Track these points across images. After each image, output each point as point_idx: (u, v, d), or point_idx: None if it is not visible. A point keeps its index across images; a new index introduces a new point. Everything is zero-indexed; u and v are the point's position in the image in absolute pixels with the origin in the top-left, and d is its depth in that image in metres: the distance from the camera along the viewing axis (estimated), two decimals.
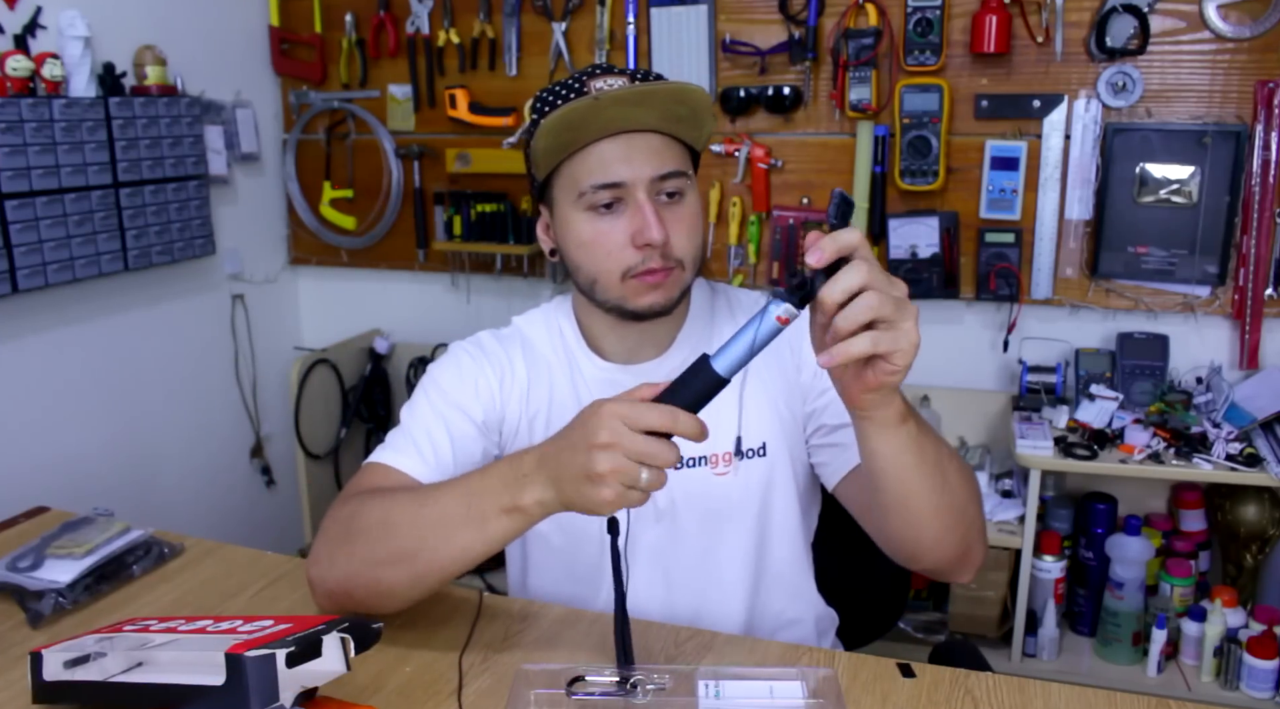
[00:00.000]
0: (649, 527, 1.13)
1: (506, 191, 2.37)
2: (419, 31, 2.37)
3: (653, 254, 1.01)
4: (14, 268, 1.85)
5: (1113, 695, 0.96)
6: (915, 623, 2.13)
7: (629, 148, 1.01)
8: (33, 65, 1.85)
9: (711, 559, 1.14)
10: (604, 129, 1.01)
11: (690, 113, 1.03)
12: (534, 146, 1.04)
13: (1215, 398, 1.95)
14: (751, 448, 1.12)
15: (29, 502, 1.49)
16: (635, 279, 1.03)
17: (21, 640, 1.09)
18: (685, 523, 1.13)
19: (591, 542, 1.14)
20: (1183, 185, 1.94)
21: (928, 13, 1.97)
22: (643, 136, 1.02)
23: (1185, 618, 1.94)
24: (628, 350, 1.13)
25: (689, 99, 1.02)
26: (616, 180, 1.01)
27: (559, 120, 0.99)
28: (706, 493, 1.11)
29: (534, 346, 1.16)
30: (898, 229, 2.08)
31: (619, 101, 0.99)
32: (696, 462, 1.10)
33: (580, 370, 1.14)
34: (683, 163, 1.05)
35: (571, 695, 0.91)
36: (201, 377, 2.40)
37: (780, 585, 1.19)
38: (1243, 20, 1.86)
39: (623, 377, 1.12)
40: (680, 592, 1.15)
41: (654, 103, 1.01)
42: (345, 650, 0.82)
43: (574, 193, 1.03)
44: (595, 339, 1.14)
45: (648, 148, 1.02)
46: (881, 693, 0.97)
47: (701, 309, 1.16)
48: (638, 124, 1.02)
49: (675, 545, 1.14)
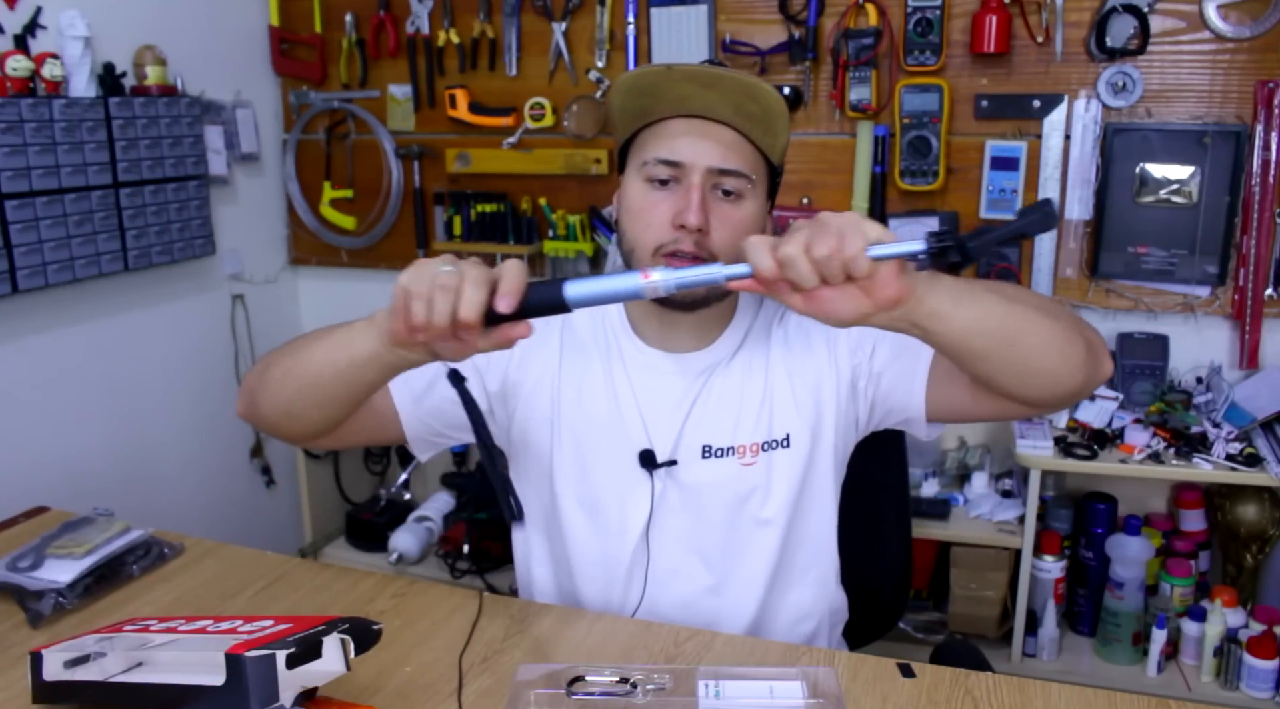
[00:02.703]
0: (676, 513, 1.15)
1: (506, 192, 2.37)
2: (419, 31, 2.37)
3: (687, 238, 1.04)
4: (14, 268, 1.85)
5: (1113, 695, 0.96)
6: (915, 623, 2.13)
7: (699, 132, 1.05)
8: (33, 65, 1.85)
9: (736, 547, 1.16)
10: (678, 106, 1.05)
11: (763, 113, 1.05)
12: (611, 106, 1.10)
13: (1215, 398, 1.95)
14: (776, 440, 1.14)
15: (29, 502, 1.49)
16: (665, 257, 1.05)
17: (21, 640, 1.09)
18: (711, 511, 1.15)
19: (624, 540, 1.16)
20: (1183, 185, 1.94)
21: (928, 13, 1.97)
22: (716, 126, 1.05)
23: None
24: (672, 339, 1.15)
25: (761, 96, 1.04)
26: (677, 158, 1.04)
27: (632, 81, 1.05)
28: (734, 483, 1.14)
29: (575, 329, 1.19)
30: (897, 229, 2.07)
31: (690, 77, 1.03)
32: (724, 452, 1.13)
33: (621, 352, 1.17)
34: (750, 166, 1.07)
35: (571, 695, 0.91)
36: (201, 377, 2.40)
37: (803, 574, 1.20)
38: (1243, 20, 1.86)
39: (663, 362, 1.15)
40: (704, 577, 1.17)
41: (726, 89, 1.03)
42: (345, 651, 0.82)
43: (640, 161, 1.07)
44: (640, 324, 1.17)
45: (717, 138, 1.05)
46: (881, 693, 0.97)
47: (748, 310, 1.18)
48: (710, 110, 1.04)
49: (701, 534, 1.15)
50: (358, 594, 1.20)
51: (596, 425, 1.15)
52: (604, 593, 1.18)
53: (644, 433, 1.13)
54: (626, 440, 1.14)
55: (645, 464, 1.13)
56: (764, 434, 1.14)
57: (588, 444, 1.15)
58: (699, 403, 1.14)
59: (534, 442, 1.19)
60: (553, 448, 1.17)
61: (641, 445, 1.13)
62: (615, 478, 1.14)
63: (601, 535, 1.17)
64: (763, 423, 1.14)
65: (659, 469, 1.13)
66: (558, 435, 1.16)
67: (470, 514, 2.34)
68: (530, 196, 2.36)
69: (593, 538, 1.17)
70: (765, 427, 1.14)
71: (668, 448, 1.13)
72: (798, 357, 1.15)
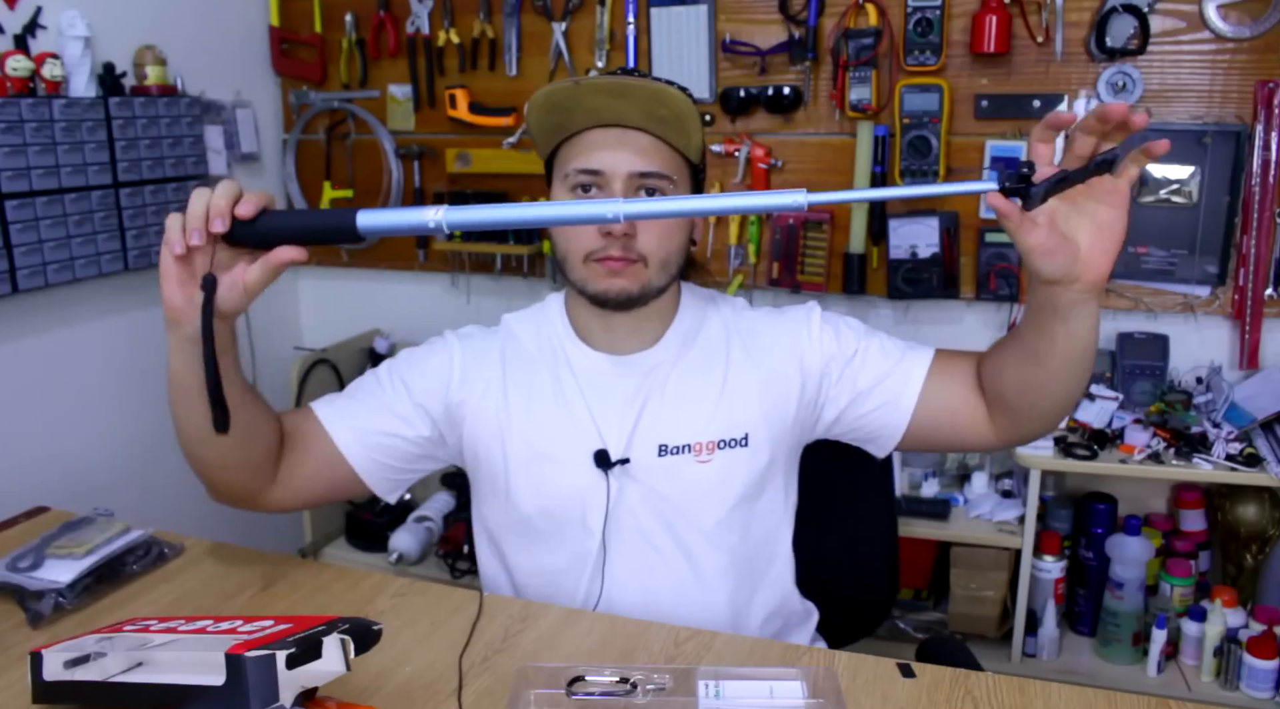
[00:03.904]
0: (633, 512, 1.16)
1: (506, 192, 2.37)
2: (419, 31, 2.37)
3: (614, 243, 1.07)
4: (14, 268, 1.85)
5: (1113, 695, 0.96)
6: (916, 623, 2.13)
7: (615, 140, 1.08)
8: (33, 65, 1.85)
9: (694, 545, 1.17)
10: (591, 118, 1.08)
11: (673, 116, 1.07)
12: (529, 124, 1.12)
13: (1215, 398, 1.95)
14: (735, 439, 1.15)
15: (29, 502, 1.49)
16: (596, 262, 1.08)
17: (21, 640, 1.09)
18: (667, 509, 1.16)
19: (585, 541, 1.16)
20: (1183, 185, 1.94)
21: (928, 13, 1.97)
22: (631, 133, 1.08)
23: (1185, 618, 1.94)
24: (615, 341, 1.17)
25: (669, 101, 1.06)
26: (596, 167, 1.08)
27: (544, 98, 1.07)
28: (690, 479, 1.15)
29: (519, 341, 1.21)
30: (898, 229, 2.08)
31: (599, 90, 1.05)
32: (680, 449, 1.14)
33: (568, 358, 1.18)
34: (669, 167, 1.10)
35: (571, 695, 0.91)
36: None
37: (763, 573, 1.21)
38: (1243, 20, 1.86)
39: (609, 364, 1.17)
40: (664, 574, 1.17)
41: (634, 98, 1.06)
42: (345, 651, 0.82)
43: (563, 173, 1.11)
44: (584, 330, 1.19)
45: (633, 145, 1.08)
46: (881, 693, 0.97)
47: (692, 310, 1.21)
48: (622, 118, 1.07)
49: (659, 532, 1.16)
50: (358, 594, 1.20)
51: (549, 431, 1.16)
52: (568, 596, 1.18)
53: (596, 434, 1.14)
54: (580, 442, 1.14)
55: (600, 464, 1.13)
56: (720, 433, 1.15)
57: (541, 450, 1.16)
58: (651, 402, 1.15)
59: (485, 456, 1.19)
60: (506, 459, 1.17)
61: (595, 446, 1.14)
62: (571, 480, 1.15)
63: (563, 540, 1.17)
64: (719, 421, 1.15)
65: (614, 468, 1.13)
66: (510, 446, 1.17)
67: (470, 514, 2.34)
68: (530, 196, 2.36)
69: (554, 542, 1.17)
70: (722, 425, 1.15)
71: (621, 447, 1.14)
72: (758, 355, 1.18)
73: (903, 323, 2.20)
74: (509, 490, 1.17)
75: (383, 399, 1.18)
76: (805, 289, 2.18)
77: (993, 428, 1.11)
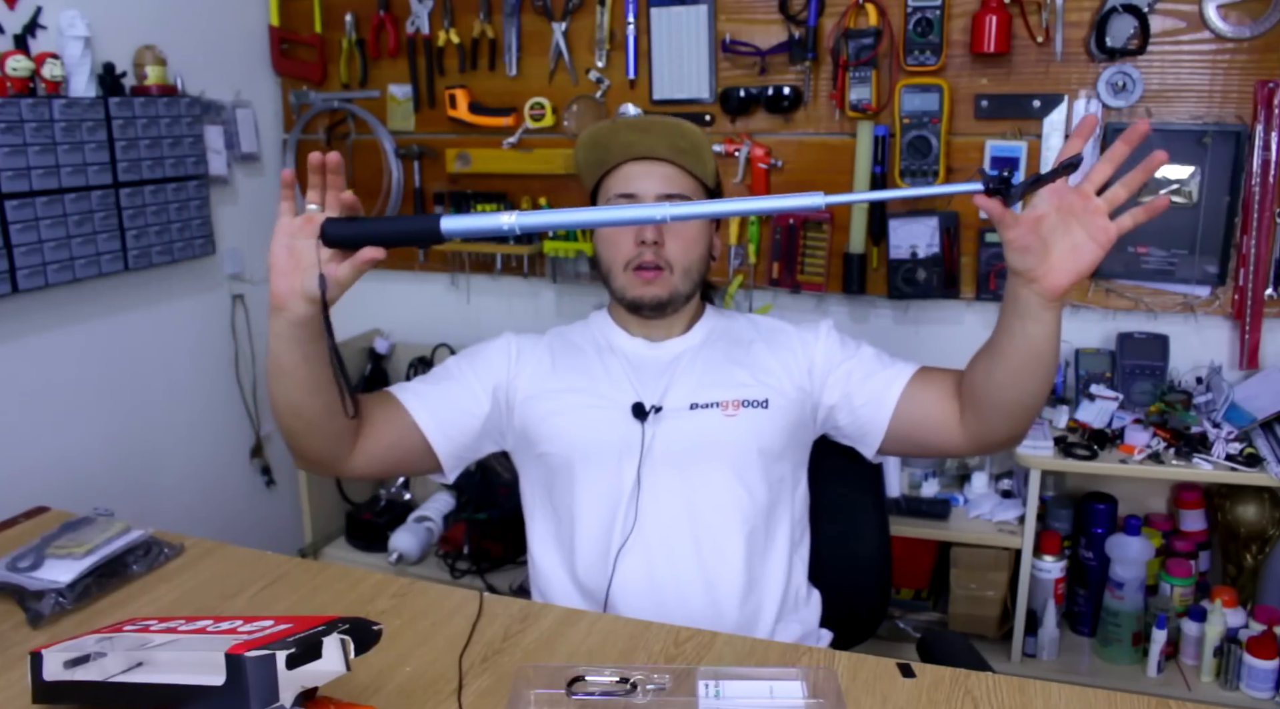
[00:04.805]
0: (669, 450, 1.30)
1: (506, 192, 2.37)
2: (419, 31, 2.37)
3: (646, 251, 1.31)
4: (14, 268, 1.85)
5: (1113, 695, 0.96)
6: (916, 623, 2.13)
7: (649, 170, 1.34)
8: (33, 65, 1.85)
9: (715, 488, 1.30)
10: (625, 151, 1.34)
11: (691, 146, 1.35)
12: (576, 161, 1.40)
13: (1215, 398, 1.95)
14: (756, 400, 1.33)
15: (29, 502, 1.49)
16: (633, 271, 1.33)
17: (21, 640, 1.09)
18: (698, 451, 1.31)
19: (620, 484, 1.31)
20: (1183, 185, 1.94)
21: (928, 13, 1.97)
22: (659, 165, 1.35)
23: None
24: (651, 331, 1.40)
25: (687, 133, 1.34)
26: (632, 191, 1.34)
27: (588, 137, 1.37)
28: (717, 426, 1.32)
29: (565, 336, 1.44)
30: (898, 229, 2.08)
31: (631, 127, 1.35)
32: (710, 405, 1.32)
33: (610, 342, 1.41)
34: (689, 190, 1.36)
35: (571, 695, 0.91)
36: (201, 377, 2.40)
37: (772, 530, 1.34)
38: (1243, 20, 1.86)
39: (647, 348, 1.39)
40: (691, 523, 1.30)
41: (659, 132, 1.33)
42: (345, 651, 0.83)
43: (605, 200, 1.37)
44: (625, 324, 1.42)
45: (659, 173, 1.35)
46: (881, 693, 0.97)
47: (719, 315, 1.46)
48: (650, 151, 1.34)
49: (691, 467, 1.30)
50: (358, 594, 1.20)
51: (593, 390, 1.34)
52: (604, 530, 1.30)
53: (634, 392, 1.33)
54: (619, 398, 1.33)
55: (637, 415, 1.31)
56: (745, 394, 1.32)
57: (585, 402, 1.34)
58: (682, 371, 1.35)
59: (534, 417, 1.35)
60: (552, 414, 1.34)
61: (633, 400, 1.32)
62: (610, 427, 1.31)
63: (600, 478, 1.31)
64: (744, 386, 1.33)
65: (648, 417, 1.31)
66: (559, 401, 1.34)
67: (470, 514, 2.34)
68: (530, 197, 2.36)
69: (592, 481, 1.31)
70: (746, 389, 1.33)
71: (656, 401, 1.32)
72: (776, 342, 1.39)
73: (903, 323, 2.20)
74: (555, 435, 1.33)
75: (452, 383, 1.37)
76: (805, 289, 2.18)
77: (963, 429, 1.27)
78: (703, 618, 1.23)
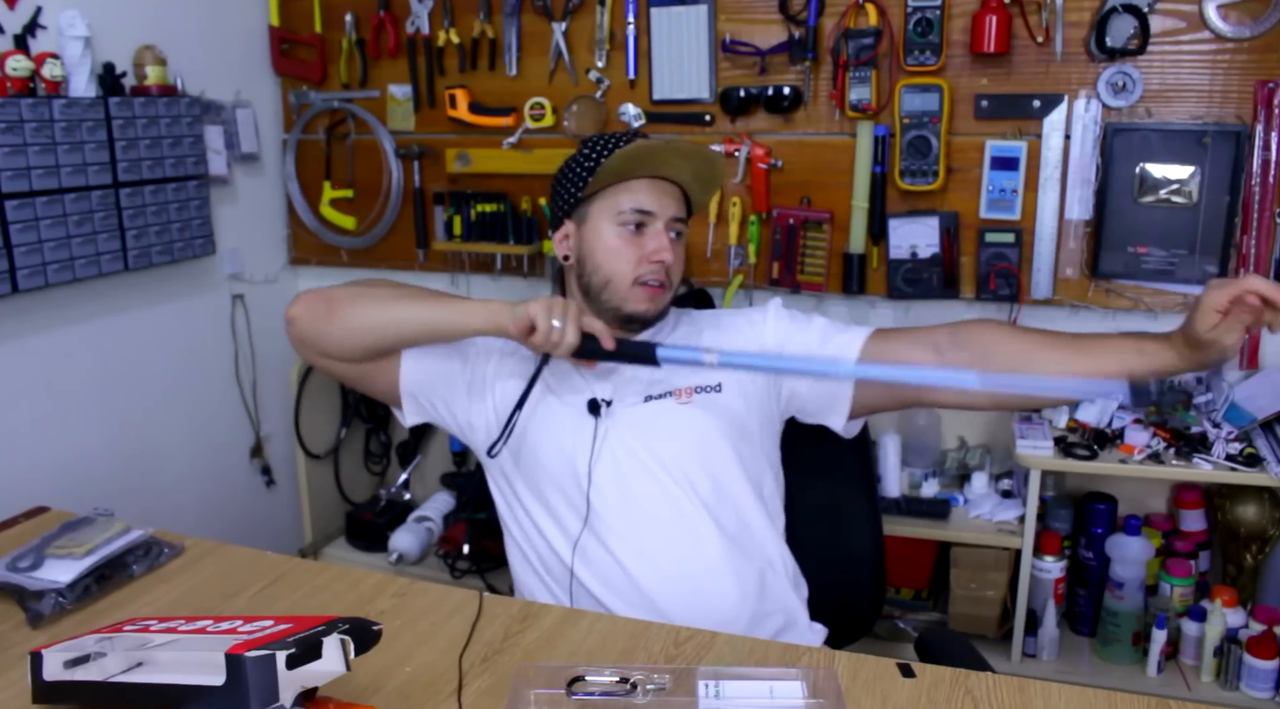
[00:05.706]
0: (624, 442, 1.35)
1: (506, 192, 2.37)
2: (419, 31, 2.37)
3: (659, 270, 1.36)
4: (14, 268, 1.85)
5: (1113, 695, 0.96)
6: (916, 623, 2.13)
7: (663, 190, 1.39)
8: (33, 65, 1.85)
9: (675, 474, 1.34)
10: (653, 169, 1.37)
11: (713, 177, 1.42)
12: (603, 163, 1.36)
13: (1215, 398, 1.95)
14: (709, 386, 1.39)
15: (29, 502, 1.49)
16: (641, 286, 1.36)
17: (21, 640, 1.09)
18: (655, 441, 1.36)
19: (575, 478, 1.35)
20: (1183, 185, 1.94)
21: (928, 13, 1.96)
22: (671, 186, 1.40)
23: (1185, 618, 1.94)
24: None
25: (717, 165, 1.42)
26: (651, 209, 1.37)
27: (635, 151, 1.34)
28: (673, 414, 1.38)
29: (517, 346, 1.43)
30: (897, 229, 2.08)
31: (676, 151, 1.37)
32: (663, 395, 1.38)
33: None
34: (684, 212, 1.42)
35: (571, 695, 0.91)
36: (201, 376, 2.40)
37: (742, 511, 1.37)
38: (1243, 20, 1.86)
39: None
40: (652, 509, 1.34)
41: (694, 158, 1.38)
42: (345, 651, 0.83)
43: (613, 211, 1.37)
44: None
45: (673, 195, 1.40)
46: (881, 693, 0.97)
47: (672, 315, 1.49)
48: (675, 173, 1.39)
49: (647, 458, 1.35)
50: (358, 594, 1.20)
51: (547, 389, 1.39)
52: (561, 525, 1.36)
53: (588, 389, 1.38)
54: (573, 399, 1.38)
55: (592, 411, 1.36)
56: (697, 380, 1.38)
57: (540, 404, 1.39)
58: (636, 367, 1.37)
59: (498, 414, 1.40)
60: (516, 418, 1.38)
61: (587, 397, 1.37)
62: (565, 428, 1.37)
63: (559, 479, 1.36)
64: (695, 375, 1.38)
65: (601, 412, 1.36)
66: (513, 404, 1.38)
67: (470, 514, 2.34)
68: (530, 196, 2.36)
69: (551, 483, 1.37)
70: (698, 373, 1.37)
71: (608, 397, 1.37)
72: (724, 326, 1.46)
73: (903, 323, 2.19)
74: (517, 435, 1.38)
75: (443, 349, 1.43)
76: (805, 289, 2.18)
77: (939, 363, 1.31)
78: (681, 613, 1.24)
